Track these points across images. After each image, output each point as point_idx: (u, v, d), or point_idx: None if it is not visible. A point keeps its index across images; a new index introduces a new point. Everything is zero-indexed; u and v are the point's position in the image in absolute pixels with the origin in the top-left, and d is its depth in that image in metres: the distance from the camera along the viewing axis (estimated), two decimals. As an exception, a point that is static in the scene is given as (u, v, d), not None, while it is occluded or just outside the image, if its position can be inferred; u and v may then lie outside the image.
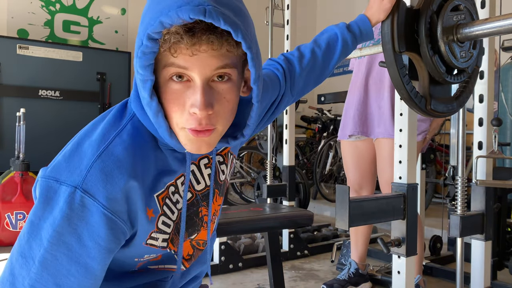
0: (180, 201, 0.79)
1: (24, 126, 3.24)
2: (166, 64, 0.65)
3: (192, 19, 0.61)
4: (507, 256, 2.11)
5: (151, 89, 0.66)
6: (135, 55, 0.66)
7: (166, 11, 0.61)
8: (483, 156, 1.59)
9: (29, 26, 4.85)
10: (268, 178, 2.73)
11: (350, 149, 2.19)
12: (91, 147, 0.68)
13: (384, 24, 1.03)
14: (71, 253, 0.66)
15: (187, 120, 0.67)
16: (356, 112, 2.08)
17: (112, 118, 0.73)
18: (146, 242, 0.75)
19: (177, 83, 0.66)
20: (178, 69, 0.65)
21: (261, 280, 2.36)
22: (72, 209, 0.65)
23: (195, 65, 0.64)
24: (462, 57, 1.05)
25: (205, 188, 0.84)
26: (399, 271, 1.47)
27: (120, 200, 0.68)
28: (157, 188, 0.74)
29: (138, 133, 0.73)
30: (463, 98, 1.16)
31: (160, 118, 0.68)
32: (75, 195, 0.65)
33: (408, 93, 1.04)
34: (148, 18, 0.64)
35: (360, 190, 2.19)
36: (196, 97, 0.65)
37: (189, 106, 0.66)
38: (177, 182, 0.78)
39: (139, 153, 0.71)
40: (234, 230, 1.58)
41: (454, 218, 1.50)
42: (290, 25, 2.72)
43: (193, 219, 0.82)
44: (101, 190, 0.66)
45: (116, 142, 0.69)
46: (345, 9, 6.33)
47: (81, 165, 0.67)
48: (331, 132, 4.77)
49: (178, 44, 0.63)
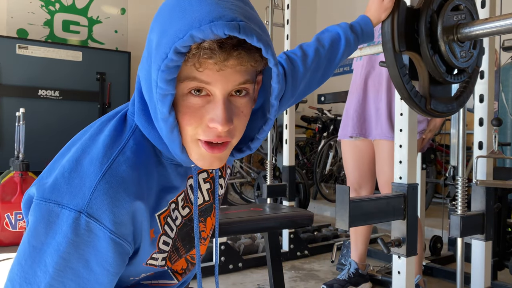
0: (179, 218, 0.77)
1: (23, 126, 3.24)
2: (187, 77, 0.62)
3: (226, 35, 0.58)
4: (508, 256, 2.11)
5: (171, 104, 0.63)
6: (156, 68, 0.61)
7: (197, 24, 0.58)
8: (484, 156, 1.59)
9: (28, 26, 4.85)
10: (268, 178, 2.73)
11: (350, 149, 2.19)
12: (93, 166, 0.65)
13: (384, 23, 1.03)
14: (79, 279, 0.64)
15: (204, 131, 0.65)
16: (354, 113, 2.10)
17: (113, 132, 0.69)
18: (146, 263, 0.73)
19: (195, 97, 0.64)
20: (200, 84, 0.63)
21: (261, 280, 2.36)
22: (78, 235, 0.62)
23: (219, 81, 0.62)
24: (462, 57, 1.05)
25: (203, 204, 0.82)
26: (399, 271, 1.47)
27: (127, 222, 0.65)
28: (160, 207, 0.72)
29: (141, 149, 0.70)
30: (463, 98, 1.15)
31: (175, 133, 0.65)
32: (80, 220, 0.62)
33: (408, 92, 1.04)
34: (175, 29, 0.60)
35: (359, 189, 2.19)
36: (218, 112, 0.64)
37: (209, 120, 0.64)
38: (178, 199, 0.76)
39: (143, 172, 0.68)
40: (234, 230, 1.58)
41: (454, 218, 1.50)
42: (290, 25, 2.72)
43: (191, 235, 0.80)
44: (107, 214, 0.63)
45: (119, 160, 0.66)
46: (345, 9, 6.32)
47: (83, 187, 0.63)
48: (331, 132, 4.77)
49: (206, 59, 0.60)
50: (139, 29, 5.30)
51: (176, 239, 0.77)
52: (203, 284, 1.04)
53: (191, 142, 0.67)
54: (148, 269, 0.75)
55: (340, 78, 6.33)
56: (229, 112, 0.65)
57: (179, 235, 0.77)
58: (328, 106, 5.63)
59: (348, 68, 6.07)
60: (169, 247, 0.75)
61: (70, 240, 0.62)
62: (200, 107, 0.64)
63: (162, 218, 0.72)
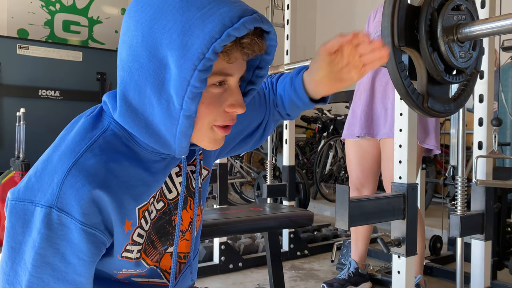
0: (154, 211, 0.78)
1: (24, 126, 3.24)
2: (215, 72, 0.67)
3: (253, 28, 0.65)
4: (507, 256, 2.11)
5: (199, 100, 0.67)
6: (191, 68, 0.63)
7: (228, 23, 0.63)
8: (483, 156, 1.59)
9: (29, 26, 4.85)
10: (268, 178, 2.73)
11: (354, 148, 2.19)
12: (61, 162, 0.67)
13: (384, 18, 1.03)
14: (57, 273, 0.66)
15: (222, 117, 0.71)
16: (362, 113, 2.09)
17: (83, 130, 0.71)
18: (121, 255, 0.75)
19: (217, 87, 0.69)
20: (226, 77, 0.69)
21: (261, 280, 2.36)
22: (51, 229, 0.65)
23: (237, 71, 0.70)
24: (462, 57, 1.05)
25: (177, 197, 0.83)
26: (399, 271, 1.47)
27: (95, 212, 0.67)
28: (141, 200, 0.74)
29: (112, 146, 0.71)
30: (462, 100, 1.16)
31: (191, 128, 0.69)
32: (51, 215, 0.64)
33: (405, 88, 1.04)
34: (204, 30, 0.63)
35: (361, 188, 2.19)
36: (237, 98, 0.71)
37: (228, 106, 0.71)
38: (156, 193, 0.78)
39: (114, 166, 0.69)
40: (234, 230, 1.58)
41: (454, 218, 1.50)
42: (290, 25, 2.72)
43: (166, 228, 0.81)
44: (76, 207, 0.65)
45: (87, 155, 0.67)
46: (345, 9, 6.33)
47: (52, 183, 0.65)
48: (331, 132, 4.77)
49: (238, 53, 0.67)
50: (139, 29, 5.30)
51: (151, 232, 0.78)
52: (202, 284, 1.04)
53: (207, 129, 0.72)
54: (126, 263, 0.76)
55: (340, 78, 6.33)
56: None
57: (154, 228, 0.79)
58: (328, 106, 5.62)
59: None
60: (143, 239, 0.77)
61: (44, 235, 0.65)
62: (220, 95, 0.70)
63: (141, 211, 0.75)
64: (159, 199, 0.79)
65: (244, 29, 0.63)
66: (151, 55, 0.66)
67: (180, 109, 0.66)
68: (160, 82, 0.66)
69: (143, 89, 0.68)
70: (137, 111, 0.70)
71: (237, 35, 0.63)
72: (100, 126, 0.72)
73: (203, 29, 0.63)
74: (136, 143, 0.73)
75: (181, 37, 0.63)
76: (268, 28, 0.68)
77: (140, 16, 0.66)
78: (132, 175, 0.71)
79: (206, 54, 0.62)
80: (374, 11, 2.24)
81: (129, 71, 0.68)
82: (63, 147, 0.69)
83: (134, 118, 0.70)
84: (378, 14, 2.18)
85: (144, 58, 0.66)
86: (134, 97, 0.69)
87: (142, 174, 0.73)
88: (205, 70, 0.63)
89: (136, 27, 0.67)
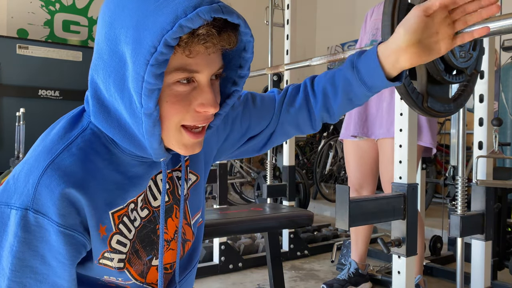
0: (138, 219, 0.75)
1: (23, 126, 3.24)
2: (176, 68, 0.62)
3: (211, 18, 0.59)
4: (507, 256, 2.11)
5: (158, 97, 0.62)
6: (143, 63, 0.59)
7: (182, 14, 0.58)
8: (484, 156, 1.59)
9: (28, 26, 4.85)
10: (268, 178, 2.73)
11: (352, 148, 2.19)
12: (37, 162, 0.64)
13: (384, 17, 1.02)
14: (38, 276, 0.65)
15: (192, 117, 0.66)
16: (356, 113, 2.09)
17: (61, 130, 0.69)
18: (99, 262, 0.71)
19: (183, 85, 0.64)
20: (190, 74, 0.63)
21: (261, 280, 2.36)
22: (29, 232, 0.62)
23: (205, 67, 0.64)
24: (462, 57, 1.05)
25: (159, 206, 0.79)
26: (399, 271, 1.47)
27: (72, 213, 0.65)
28: (115, 204, 0.70)
29: (90, 146, 0.68)
30: (461, 100, 1.16)
31: (157, 126, 0.64)
32: (28, 217, 0.62)
33: (405, 88, 1.04)
34: (159, 22, 0.58)
35: (360, 189, 2.19)
36: (207, 96, 0.65)
37: (198, 106, 0.66)
38: (138, 199, 0.74)
39: (90, 167, 0.67)
40: (234, 230, 1.58)
41: (454, 218, 1.50)
42: (290, 25, 2.72)
43: (151, 237, 0.78)
44: (52, 208, 0.63)
45: (63, 155, 0.65)
46: (345, 9, 6.32)
47: (27, 184, 0.63)
48: (331, 132, 4.77)
49: (200, 45, 0.61)
50: (139, 29, 5.31)
51: (135, 241, 0.75)
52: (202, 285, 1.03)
53: (174, 131, 0.67)
54: (106, 270, 0.73)
55: (340, 78, 6.32)
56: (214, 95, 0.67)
57: (138, 237, 0.75)
58: (328, 106, 5.62)
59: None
60: (126, 248, 0.73)
61: (21, 238, 0.62)
62: (188, 94, 0.65)
63: (117, 216, 0.71)
64: (144, 206, 0.76)
65: (198, 19, 0.58)
66: (112, 51, 0.63)
67: (141, 107, 0.62)
68: (121, 79, 0.63)
69: (108, 87, 0.65)
70: (110, 111, 0.67)
71: (192, 26, 0.58)
72: (80, 125, 0.70)
73: (155, 21, 0.59)
74: (115, 144, 0.70)
75: (135, 31, 0.60)
76: (233, 19, 0.61)
77: (104, 13, 0.65)
78: (107, 178, 0.69)
79: (157, 47, 0.58)
80: (371, 10, 2.23)
81: (95, 68, 0.67)
82: (41, 147, 0.67)
83: (107, 117, 0.67)
84: (375, 13, 2.17)
85: (106, 55, 0.64)
86: (104, 95, 0.67)
87: (117, 177, 0.70)
88: (158, 64, 0.59)
89: (101, 24, 0.65)
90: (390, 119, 1.97)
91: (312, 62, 1.59)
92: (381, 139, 2.05)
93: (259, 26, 2.72)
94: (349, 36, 5.88)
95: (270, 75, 2.82)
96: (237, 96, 0.76)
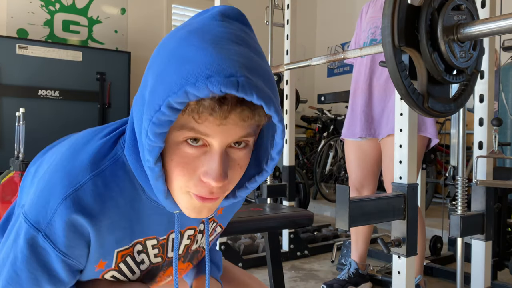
0: (147, 262, 0.74)
1: (23, 126, 3.24)
2: (185, 127, 0.57)
3: (223, 93, 0.53)
4: (508, 256, 2.11)
5: (158, 155, 0.59)
6: (148, 118, 0.56)
7: (192, 79, 0.52)
8: (484, 156, 1.59)
9: (28, 26, 4.84)
10: (268, 178, 2.72)
11: (354, 148, 2.19)
12: (60, 186, 0.63)
13: (384, 18, 1.03)
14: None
15: (196, 186, 0.60)
16: (362, 114, 2.08)
17: (95, 154, 0.66)
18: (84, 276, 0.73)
19: (191, 146, 0.59)
20: (198, 135, 0.58)
21: (261, 280, 2.36)
22: (33, 252, 0.64)
23: (218, 133, 0.57)
24: (462, 57, 1.05)
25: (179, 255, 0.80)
26: (399, 271, 1.47)
27: (80, 245, 0.66)
28: (122, 243, 0.69)
29: (117, 181, 0.65)
30: (462, 100, 1.15)
31: (160, 182, 0.61)
32: (37, 239, 0.63)
33: (405, 88, 1.03)
34: (170, 80, 0.54)
35: (361, 189, 2.19)
36: (213, 166, 0.58)
37: (203, 174, 0.59)
38: (147, 243, 0.73)
39: (110, 205, 0.65)
40: (234, 230, 1.58)
41: (454, 218, 1.50)
42: (290, 25, 2.72)
43: (154, 274, 0.80)
44: (62, 238, 0.63)
45: (86, 188, 0.63)
46: (345, 9, 6.32)
47: (47, 207, 0.63)
48: (331, 132, 4.77)
49: (206, 115, 0.56)
50: (139, 29, 5.30)
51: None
52: None
53: (181, 193, 0.62)
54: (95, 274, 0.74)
55: (340, 78, 6.33)
56: (225, 166, 0.60)
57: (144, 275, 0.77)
58: (328, 106, 5.62)
59: (348, 68, 6.07)
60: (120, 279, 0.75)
61: (25, 255, 0.64)
62: (195, 157, 0.59)
63: (120, 255, 0.70)
64: (159, 255, 0.76)
65: (205, 89, 0.52)
66: (141, 92, 0.61)
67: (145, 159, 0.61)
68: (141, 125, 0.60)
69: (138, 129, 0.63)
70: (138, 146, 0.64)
71: (198, 94, 0.53)
72: (113, 153, 0.67)
73: (170, 78, 0.54)
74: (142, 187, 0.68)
75: (155, 81, 0.57)
76: (250, 98, 0.54)
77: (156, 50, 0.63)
78: (123, 216, 0.67)
79: (161, 107, 0.54)
80: (366, 6, 2.23)
81: (135, 99, 0.64)
82: (69, 168, 0.64)
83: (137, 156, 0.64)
84: (370, 9, 2.17)
85: (139, 93, 0.62)
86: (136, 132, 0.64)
87: (135, 216, 0.69)
88: (160, 124, 0.55)
89: None
90: (394, 119, 1.97)
91: (312, 62, 1.59)
92: (384, 139, 2.05)
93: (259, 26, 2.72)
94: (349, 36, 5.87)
95: (270, 75, 2.81)
96: (260, 181, 0.68)
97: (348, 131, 2.18)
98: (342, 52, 1.48)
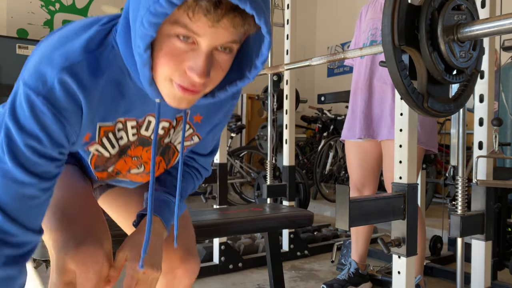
0: (124, 138, 0.83)
1: (23, 126, 3.24)
2: (178, 22, 0.63)
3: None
4: (508, 256, 2.11)
5: (149, 43, 0.64)
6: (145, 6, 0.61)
7: None
8: (484, 156, 1.59)
9: (28, 25, 4.85)
10: (268, 178, 2.72)
11: (355, 149, 2.19)
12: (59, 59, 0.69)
13: (384, 18, 1.03)
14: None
15: (180, 76, 0.67)
16: (361, 114, 2.08)
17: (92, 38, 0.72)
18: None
19: (181, 42, 0.65)
20: (189, 33, 0.63)
21: (261, 280, 2.36)
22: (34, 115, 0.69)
23: (208, 34, 0.63)
24: (462, 57, 1.05)
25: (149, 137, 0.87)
26: (399, 271, 1.47)
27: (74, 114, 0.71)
28: (107, 119, 0.78)
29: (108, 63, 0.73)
30: (462, 100, 1.15)
31: (147, 68, 0.67)
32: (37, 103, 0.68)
33: (405, 88, 1.03)
34: None
35: (362, 189, 2.19)
36: (198, 62, 0.65)
37: (188, 68, 0.66)
38: (127, 123, 0.81)
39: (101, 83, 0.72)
40: (234, 230, 1.58)
41: (454, 218, 1.50)
42: (290, 24, 2.72)
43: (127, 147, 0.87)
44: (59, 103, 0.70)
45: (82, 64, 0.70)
46: (345, 9, 6.32)
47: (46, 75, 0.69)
48: (331, 132, 4.77)
49: (200, 14, 0.61)
50: (139, 29, 5.31)
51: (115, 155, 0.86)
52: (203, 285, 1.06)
53: (164, 80, 0.69)
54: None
55: (340, 78, 6.33)
56: (209, 65, 0.66)
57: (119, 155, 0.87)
58: (328, 106, 5.62)
59: (348, 68, 6.07)
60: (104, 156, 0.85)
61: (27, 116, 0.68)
62: (183, 52, 0.65)
63: (103, 131, 0.79)
64: (136, 133, 0.84)
65: None
66: None
67: (135, 45, 0.66)
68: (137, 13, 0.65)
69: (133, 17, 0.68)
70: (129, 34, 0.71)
71: None
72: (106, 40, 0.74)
73: None
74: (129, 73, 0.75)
75: None
76: (244, 6, 0.59)
77: None
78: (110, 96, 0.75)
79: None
80: (366, 7, 2.23)
81: None
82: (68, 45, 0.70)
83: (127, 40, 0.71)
84: (370, 10, 2.16)
85: None
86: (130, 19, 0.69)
87: (120, 97, 0.76)
88: (156, 14, 0.60)
89: None
90: (393, 120, 1.97)
91: (312, 62, 1.59)
92: (384, 140, 2.05)
93: (259, 26, 2.72)
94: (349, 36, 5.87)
95: (270, 75, 2.82)
96: (241, 85, 0.75)
97: (349, 132, 2.18)
98: (342, 52, 1.48)
